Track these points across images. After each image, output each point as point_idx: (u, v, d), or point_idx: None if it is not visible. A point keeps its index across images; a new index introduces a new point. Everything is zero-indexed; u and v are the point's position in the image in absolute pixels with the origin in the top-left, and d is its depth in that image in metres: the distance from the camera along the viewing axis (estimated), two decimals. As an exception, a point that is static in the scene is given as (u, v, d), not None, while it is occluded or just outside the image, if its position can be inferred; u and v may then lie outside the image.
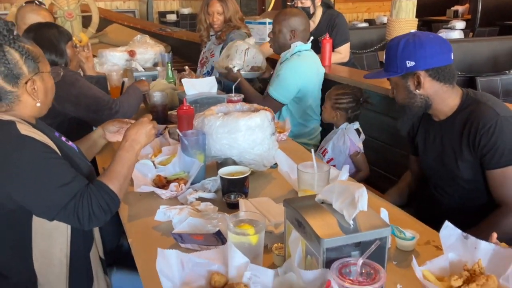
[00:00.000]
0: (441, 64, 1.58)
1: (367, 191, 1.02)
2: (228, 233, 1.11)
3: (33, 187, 1.24)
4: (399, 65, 1.60)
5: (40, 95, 1.37)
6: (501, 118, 1.53)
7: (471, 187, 1.65)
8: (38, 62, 1.35)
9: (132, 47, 3.56)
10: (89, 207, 1.24)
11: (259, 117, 1.64)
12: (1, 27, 1.29)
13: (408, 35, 1.65)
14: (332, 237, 0.96)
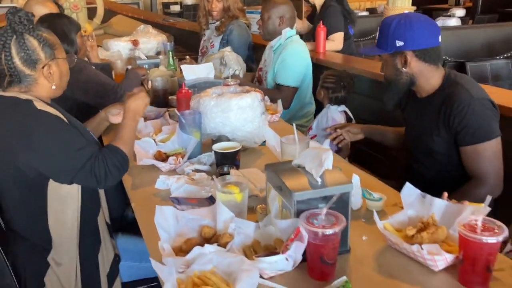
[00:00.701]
0: (428, 46, 1.72)
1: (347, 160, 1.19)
2: (217, 193, 1.28)
3: (52, 153, 1.42)
4: (389, 44, 1.73)
5: (55, 78, 1.55)
6: (475, 100, 1.67)
7: (446, 161, 1.80)
8: (55, 49, 1.53)
9: (136, 37, 3.72)
10: (105, 166, 1.43)
11: (249, 97, 1.81)
12: (23, 18, 1.47)
13: (401, 15, 1.79)
14: (301, 191, 1.13)
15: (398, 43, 1.71)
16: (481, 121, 1.67)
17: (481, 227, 1.04)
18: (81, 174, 1.42)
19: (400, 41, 1.71)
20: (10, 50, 1.46)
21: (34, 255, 1.54)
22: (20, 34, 1.47)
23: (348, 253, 1.21)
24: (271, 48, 2.84)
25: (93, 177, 1.42)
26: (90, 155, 1.43)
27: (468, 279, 1.07)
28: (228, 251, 1.14)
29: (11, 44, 1.46)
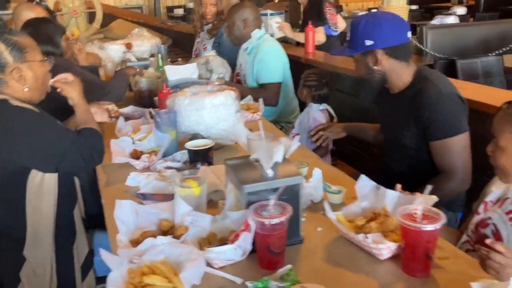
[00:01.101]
0: (397, 43, 1.74)
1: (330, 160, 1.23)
2: (175, 187, 1.33)
3: (34, 144, 1.51)
4: (359, 44, 1.77)
5: (28, 81, 1.60)
6: (443, 94, 1.70)
7: (417, 156, 1.83)
8: (25, 52, 1.58)
9: (130, 40, 3.78)
10: (89, 144, 1.56)
11: (223, 95, 1.85)
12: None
13: (368, 15, 1.84)
14: (252, 183, 1.17)
15: (368, 42, 1.74)
16: (449, 116, 1.69)
17: (421, 216, 1.07)
18: (67, 158, 1.51)
19: (369, 40, 1.74)
20: None
21: (10, 251, 1.60)
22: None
23: (301, 243, 1.25)
24: (245, 51, 2.92)
25: (80, 158, 1.53)
26: (72, 138, 1.54)
27: (409, 267, 1.10)
28: (181, 243, 1.18)
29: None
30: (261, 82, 2.82)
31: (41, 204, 1.59)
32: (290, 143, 1.77)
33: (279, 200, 1.16)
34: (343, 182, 1.57)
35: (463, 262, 1.14)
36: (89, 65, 2.67)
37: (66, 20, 5.02)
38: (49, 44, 2.31)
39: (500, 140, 1.22)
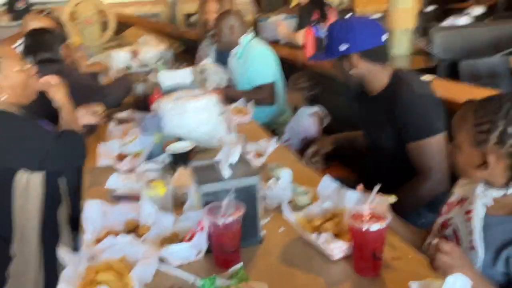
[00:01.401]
0: (372, 46, 1.75)
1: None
2: (141, 189, 1.37)
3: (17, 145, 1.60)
4: (334, 49, 1.78)
5: (6, 90, 1.68)
6: (416, 95, 1.70)
7: (396, 157, 1.82)
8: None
9: (136, 47, 3.87)
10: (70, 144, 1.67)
11: (204, 100, 1.90)
12: None
13: (342, 20, 1.85)
14: (207, 184, 1.20)
15: (343, 46, 1.75)
16: (423, 117, 1.69)
17: (368, 216, 1.08)
18: (48, 158, 1.60)
19: (344, 45, 1.75)
20: None
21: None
22: None
23: (260, 243, 1.27)
24: (234, 56, 2.99)
25: (62, 158, 1.64)
26: (52, 138, 1.62)
27: (359, 266, 1.11)
28: (142, 242, 1.22)
29: None
30: (256, 84, 2.88)
31: (26, 204, 1.66)
32: (267, 144, 1.81)
33: (236, 200, 1.19)
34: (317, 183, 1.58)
35: (416, 262, 1.15)
36: (89, 72, 2.76)
37: (80, 29, 5.17)
38: (48, 51, 2.40)
39: (456, 138, 1.22)
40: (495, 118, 1.12)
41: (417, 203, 1.74)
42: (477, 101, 1.20)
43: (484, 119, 1.14)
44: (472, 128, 1.16)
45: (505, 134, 1.11)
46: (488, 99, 1.18)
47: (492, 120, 1.12)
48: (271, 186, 1.48)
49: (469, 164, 1.19)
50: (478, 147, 1.15)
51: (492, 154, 1.13)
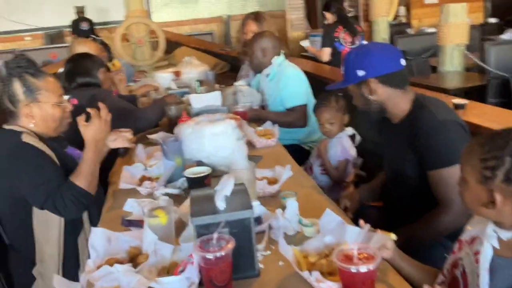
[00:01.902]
0: (390, 70, 1.70)
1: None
2: (144, 217, 1.39)
3: (25, 181, 1.67)
4: (351, 75, 1.75)
5: (37, 119, 1.76)
6: (438, 122, 1.62)
7: (417, 185, 1.74)
8: (38, 93, 1.75)
9: (180, 68, 3.98)
10: (63, 202, 1.64)
11: (222, 125, 1.91)
12: (13, 64, 1.73)
13: (359, 46, 1.82)
14: (200, 217, 1.20)
15: (360, 72, 1.71)
16: (445, 144, 1.61)
17: (357, 256, 1.03)
18: (46, 205, 1.65)
19: (361, 71, 1.71)
20: (3, 90, 1.73)
21: (22, 268, 1.76)
22: (11, 77, 1.73)
23: (257, 276, 1.24)
24: (266, 77, 2.98)
25: (56, 210, 1.65)
26: (52, 189, 1.64)
27: (348, 308, 1.06)
28: (138, 271, 1.23)
29: (4, 85, 1.73)
30: (289, 106, 2.88)
31: (47, 232, 1.72)
32: (282, 171, 1.78)
33: (231, 233, 1.18)
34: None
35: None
36: (127, 95, 2.86)
37: (132, 50, 5.39)
38: (87, 76, 2.53)
39: (463, 173, 1.14)
40: (502, 154, 1.04)
41: (437, 235, 1.65)
42: (486, 135, 1.13)
43: (491, 155, 1.06)
44: (479, 163, 1.08)
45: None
46: (497, 133, 1.10)
47: (499, 156, 1.04)
48: (278, 216, 1.45)
49: (476, 201, 1.11)
50: (484, 184, 1.07)
51: (499, 192, 1.05)
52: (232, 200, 1.25)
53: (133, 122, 2.45)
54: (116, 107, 2.48)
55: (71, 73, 2.50)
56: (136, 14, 5.26)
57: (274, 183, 1.76)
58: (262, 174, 1.86)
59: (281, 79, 2.87)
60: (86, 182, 1.69)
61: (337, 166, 2.35)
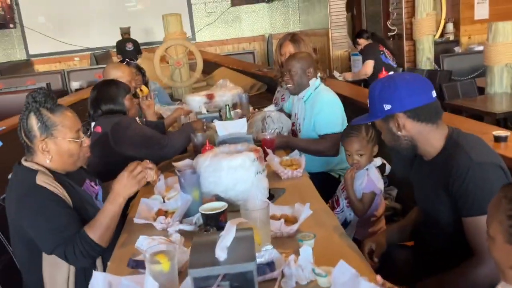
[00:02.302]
0: (419, 104, 1.57)
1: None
2: (146, 263, 1.31)
3: (34, 227, 1.64)
4: (378, 109, 1.63)
5: (53, 155, 1.73)
6: (474, 164, 1.47)
7: (451, 232, 1.58)
8: (54, 129, 1.72)
9: (214, 91, 3.95)
10: (73, 253, 1.62)
11: (240, 157, 1.82)
12: (31, 98, 1.71)
13: (384, 78, 1.69)
14: (198, 268, 1.11)
15: (386, 106, 1.59)
16: (482, 189, 1.44)
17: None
18: (55, 252, 1.62)
19: (387, 104, 1.59)
20: (20, 124, 1.72)
21: None
22: (28, 111, 1.72)
23: (261, 334, 1.14)
24: (301, 100, 2.85)
25: (65, 258, 1.62)
26: (63, 239, 1.62)
27: None
28: (134, 322, 1.15)
29: (21, 119, 1.72)
30: (322, 133, 2.73)
31: (55, 275, 1.68)
32: (301, 209, 1.67)
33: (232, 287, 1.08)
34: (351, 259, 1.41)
35: None
36: (155, 121, 2.83)
37: (170, 71, 5.43)
38: (112, 103, 2.51)
39: (490, 229, 0.99)
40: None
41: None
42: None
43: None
44: (506, 220, 0.94)
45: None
46: None
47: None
48: (290, 263, 1.34)
49: (504, 262, 0.96)
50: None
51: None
52: (235, 249, 1.15)
53: (158, 150, 2.43)
54: (140, 134, 2.47)
55: (96, 100, 2.50)
56: (175, 36, 5.30)
57: (292, 222, 1.65)
58: (281, 211, 1.75)
59: (316, 104, 2.74)
60: (99, 235, 1.65)
61: (361, 199, 2.19)
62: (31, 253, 1.69)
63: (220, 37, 11.04)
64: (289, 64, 2.83)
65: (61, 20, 10.37)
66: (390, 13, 6.97)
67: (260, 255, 1.41)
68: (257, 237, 1.47)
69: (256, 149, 1.90)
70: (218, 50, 10.86)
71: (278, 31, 10.94)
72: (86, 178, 1.93)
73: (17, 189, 1.69)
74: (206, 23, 10.89)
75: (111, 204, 1.70)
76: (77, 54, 10.52)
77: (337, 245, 1.55)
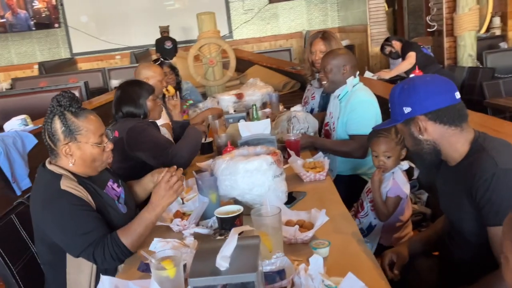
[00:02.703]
0: (440, 106, 1.49)
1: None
2: (151, 268, 1.30)
3: (60, 231, 1.65)
4: (398, 113, 1.56)
5: (76, 159, 1.73)
6: (499, 170, 1.38)
7: (477, 242, 1.49)
8: (78, 134, 1.72)
9: (243, 90, 3.93)
10: (103, 255, 1.62)
11: (256, 161, 1.78)
12: (55, 102, 1.72)
13: (404, 81, 1.62)
14: (197, 278, 1.08)
15: (406, 109, 1.52)
16: (507, 198, 1.35)
17: None
18: (83, 254, 1.63)
19: (407, 107, 1.51)
20: (44, 127, 1.74)
21: None
22: (53, 115, 1.72)
23: None
24: (336, 98, 2.75)
25: (93, 260, 1.63)
26: (91, 241, 1.62)
27: None
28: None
29: (45, 122, 1.74)
30: (351, 133, 2.65)
31: (79, 278, 1.71)
32: (318, 215, 1.62)
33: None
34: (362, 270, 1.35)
35: None
36: (181, 121, 2.82)
37: (204, 69, 5.45)
38: (132, 105, 2.47)
39: (504, 248, 0.92)
40: None
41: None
42: None
43: None
44: None
45: None
46: None
47: None
48: (300, 272, 1.30)
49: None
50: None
51: None
52: (238, 258, 1.12)
53: (163, 161, 2.30)
54: (151, 142, 2.37)
55: (117, 102, 2.48)
56: (208, 35, 5.32)
57: (308, 228, 1.60)
58: (298, 216, 1.71)
59: (350, 102, 2.64)
60: (132, 241, 1.66)
61: (385, 202, 2.10)
62: (54, 255, 1.71)
63: (257, 34, 11.00)
64: (324, 61, 2.74)
65: (103, 19, 10.62)
66: (430, 8, 6.73)
67: (270, 262, 1.38)
68: (268, 244, 1.44)
69: (274, 152, 1.86)
70: (255, 47, 10.83)
71: (315, 28, 10.80)
72: (110, 179, 1.93)
73: (42, 194, 1.71)
74: (243, 20, 10.88)
75: (149, 213, 1.70)
76: (118, 52, 10.75)
77: (353, 254, 1.49)
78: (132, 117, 2.44)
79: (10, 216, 1.83)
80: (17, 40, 10.50)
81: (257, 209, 1.51)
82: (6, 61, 10.49)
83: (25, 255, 1.82)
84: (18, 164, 3.24)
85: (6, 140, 3.21)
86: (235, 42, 10.65)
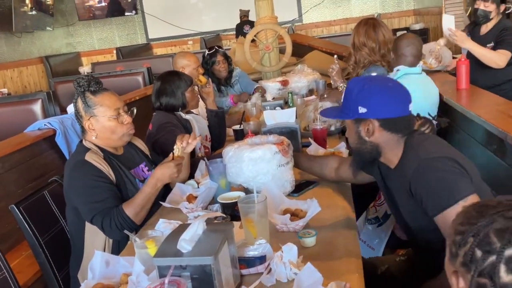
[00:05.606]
0: (394, 115, 1.49)
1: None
2: (134, 247, 1.41)
3: (78, 196, 1.86)
4: (351, 109, 1.53)
5: (98, 132, 1.94)
6: (422, 161, 1.41)
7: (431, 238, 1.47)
8: (94, 108, 1.92)
9: (290, 76, 3.94)
10: (109, 224, 1.82)
11: (260, 150, 1.83)
12: (76, 84, 1.92)
13: (367, 79, 1.61)
14: (161, 257, 1.17)
15: (361, 109, 1.50)
16: (436, 183, 1.36)
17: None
18: (94, 222, 1.83)
19: (363, 108, 1.49)
20: (74, 109, 1.95)
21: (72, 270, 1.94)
22: (77, 96, 1.95)
23: (218, 327, 1.17)
24: None
25: (101, 228, 1.83)
26: (101, 209, 1.82)
27: None
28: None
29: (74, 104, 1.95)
30: None
31: (94, 240, 1.89)
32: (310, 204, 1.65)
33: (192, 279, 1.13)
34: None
35: None
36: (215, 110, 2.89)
37: (260, 56, 5.51)
38: (168, 96, 2.60)
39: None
40: (468, 230, 0.81)
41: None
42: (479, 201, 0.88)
43: (461, 228, 0.84)
44: (452, 233, 0.86)
45: (472, 256, 0.79)
46: (484, 203, 0.85)
47: (464, 231, 0.82)
48: (275, 259, 1.34)
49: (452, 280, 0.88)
50: (451, 259, 0.85)
51: (460, 276, 0.82)
52: (203, 242, 1.20)
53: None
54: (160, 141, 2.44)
55: (157, 92, 2.61)
56: (265, 21, 5.35)
57: (298, 217, 1.63)
58: (296, 206, 1.74)
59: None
60: (134, 212, 1.84)
61: None
62: (78, 219, 1.92)
63: (327, 18, 10.81)
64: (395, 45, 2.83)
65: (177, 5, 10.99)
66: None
67: (253, 248, 1.44)
68: (253, 230, 1.50)
69: (281, 142, 1.89)
70: (325, 31, 10.67)
71: (389, 10, 10.42)
72: (143, 162, 2.12)
73: (70, 163, 1.94)
74: (314, 4, 10.73)
75: (150, 188, 1.89)
76: (190, 38, 11.09)
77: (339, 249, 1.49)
78: (171, 108, 2.57)
79: (43, 192, 2.03)
80: (99, 27, 11.19)
81: (246, 196, 1.57)
82: (89, 46, 11.23)
83: (54, 228, 2.03)
84: (75, 144, 3.52)
85: (65, 122, 3.49)
86: (305, 26, 10.56)
